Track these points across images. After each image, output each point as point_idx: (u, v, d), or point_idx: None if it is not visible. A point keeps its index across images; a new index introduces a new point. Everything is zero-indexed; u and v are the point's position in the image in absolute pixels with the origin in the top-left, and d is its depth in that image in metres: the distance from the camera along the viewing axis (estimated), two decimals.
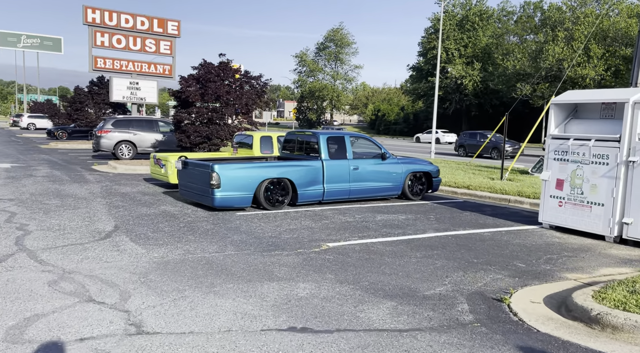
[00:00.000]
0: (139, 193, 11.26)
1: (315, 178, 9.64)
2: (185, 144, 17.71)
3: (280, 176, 9.28)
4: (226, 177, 8.80)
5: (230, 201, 8.90)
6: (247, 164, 9.12)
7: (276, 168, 9.28)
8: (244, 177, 8.96)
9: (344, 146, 10.14)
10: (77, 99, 30.37)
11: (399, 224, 8.22)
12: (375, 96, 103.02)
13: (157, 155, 12.53)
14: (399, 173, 10.70)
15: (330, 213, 9.07)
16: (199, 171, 9.19)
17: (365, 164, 10.26)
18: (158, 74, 29.53)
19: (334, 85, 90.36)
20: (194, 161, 9.48)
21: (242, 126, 18.51)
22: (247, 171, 9.03)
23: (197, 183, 9.31)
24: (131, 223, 7.91)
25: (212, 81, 17.43)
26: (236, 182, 8.88)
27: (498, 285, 5.12)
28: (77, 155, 22.71)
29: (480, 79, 59.19)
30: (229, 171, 8.86)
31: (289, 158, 10.79)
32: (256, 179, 9.04)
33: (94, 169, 16.38)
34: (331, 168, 9.81)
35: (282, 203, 9.43)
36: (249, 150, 13.12)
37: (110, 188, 12.10)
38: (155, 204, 9.82)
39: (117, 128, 20.63)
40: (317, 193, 9.70)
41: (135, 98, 28.52)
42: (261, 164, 9.31)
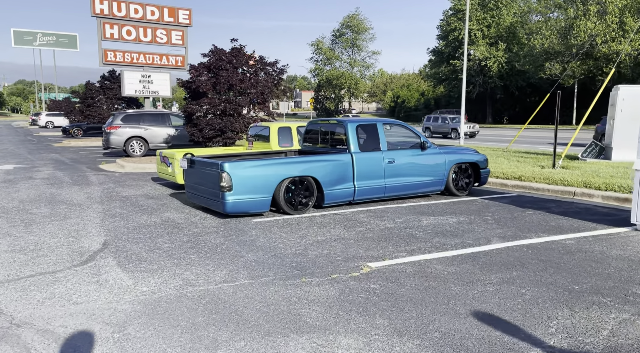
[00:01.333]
0: (142, 197, 9.89)
1: (343, 174, 8.10)
2: (198, 138, 16.33)
3: (303, 174, 7.78)
4: (239, 177, 7.33)
5: (244, 206, 7.43)
6: (263, 161, 7.63)
7: (298, 165, 7.77)
8: (260, 177, 7.47)
9: (377, 136, 8.57)
10: (88, 94, 29.31)
11: (453, 230, 6.64)
12: (393, 82, 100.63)
13: (164, 152, 11.14)
14: (442, 165, 9.09)
15: (365, 217, 7.54)
16: (207, 171, 7.74)
17: (402, 156, 8.68)
18: (170, 66, 28.22)
19: (351, 72, 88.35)
20: (200, 159, 8.03)
21: (257, 117, 17.04)
22: (264, 169, 7.53)
23: (205, 184, 7.88)
24: (125, 237, 6.51)
25: (224, 68, 15.96)
26: (251, 183, 7.41)
27: (632, 332, 3.53)
28: (88, 153, 21.59)
29: (506, 60, 56.60)
30: (242, 170, 7.38)
31: (312, 151, 9.27)
32: (275, 179, 7.56)
33: (101, 169, 15.12)
34: (362, 162, 8.26)
35: (306, 206, 7.93)
36: (265, 143, 11.64)
37: (112, 190, 10.77)
38: (159, 210, 8.43)
39: (127, 123, 19.39)
40: (347, 192, 8.17)
41: (147, 92, 27.28)
42: (280, 160, 7.81)
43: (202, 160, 7.94)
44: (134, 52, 26.81)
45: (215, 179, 7.49)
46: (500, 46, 57.05)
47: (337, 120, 8.74)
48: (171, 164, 10.70)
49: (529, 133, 36.08)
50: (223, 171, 7.28)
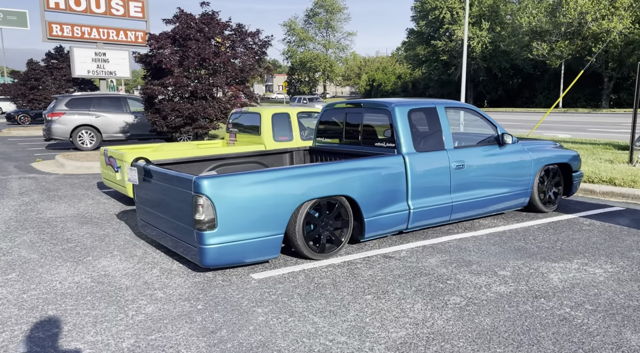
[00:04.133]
0: (74, 220, 6.61)
1: (392, 189, 5.02)
2: (161, 127, 12.96)
3: (334, 193, 4.67)
4: (228, 205, 4.19)
5: (237, 252, 4.30)
6: (268, 174, 4.45)
7: (324, 177, 4.64)
8: (264, 201, 4.33)
9: (438, 126, 5.51)
10: (31, 75, 25.15)
11: (626, 303, 3.69)
12: (368, 65, 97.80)
13: (110, 150, 7.82)
14: (527, 168, 6.10)
15: (439, 264, 4.51)
16: (173, 191, 4.56)
17: (475, 157, 5.65)
18: (129, 43, 24.43)
19: (326, 54, 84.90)
20: (161, 171, 4.80)
21: (236, 100, 13.73)
22: (271, 187, 4.38)
23: (169, 212, 4.69)
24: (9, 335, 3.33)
25: (194, 39, 12.56)
26: (249, 213, 4.27)
27: None
28: (28, 145, 17.86)
29: (490, 40, 54.19)
30: (234, 190, 4.22)
31: (332, 151, 6.16)
32: (289, 204, 4.43)
33: (32, 169, 11.62)
34: (420, 168, 5.20)
35: (338, 244, 4.84)
36: (253, 136, 8.45)
37: (33, 208, 7.42)
38: (93, 252, 5.20)
39: (74, 109, 15.78)
40: (398, 217, 5.11)
41: (103, 72, 23.52)
42: (295, 170, 4.62)
43: (165, 172, 4.71)
44: (85, 26, 22.95)
45: (186, 206, 4.32)
46: (484, 24, 54.55)
47: (375, 102, 5.61)
48: (119, 169, 7.41)
49: (517, 116, 33.69)
50: (200, 192, 4.11)
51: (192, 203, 4.19)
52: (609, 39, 42.18)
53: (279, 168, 4.51)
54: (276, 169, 4.49)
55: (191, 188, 4.20)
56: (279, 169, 4.50)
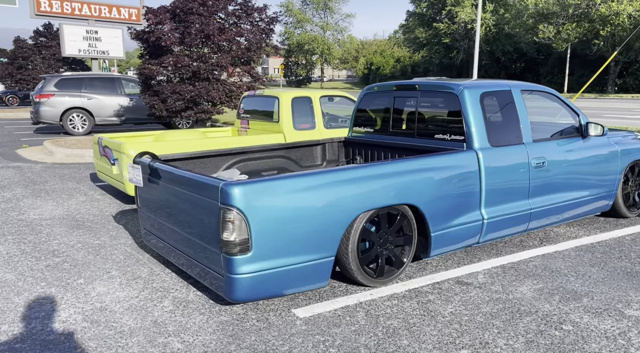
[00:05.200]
0: (62, 224, 5.53)
1: (463, 194, 3.96)
2: (160, 111, 11.81)
3: (396, 202, 3.60)
4: (266, 220, 3.12)
5: (274, 284, 3.24)
6: (315, 177, 3.36)
7: (385, 180, 3.56)
8: (312, 213, 3.26)
9: (514, 114, 4.43)
10: (18, 54, 23.70)
11: None
12: (365, 48, 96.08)
13: (105, 139, 6.70)
14: (613, 164, 5.04)
15: (532, 294, 3.49)
16: (190, 198, 3.47)
17: (556, 153, 4.58)
18: (123, 20, 22.99)
19: (324, 36, 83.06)
20: (173, 171, 3.70)
21: (242, 81, 12.58)
22: (322, 195, 3.30)
23: (183, 226, 3.62)
24: None
25: (196, 13, 11.35)
26: (293, 231, 3.21)
27: None
28: (15, 129, 16.64)
29: (493, 22, 52.78)
30: (274, 200, 3.14)
31: (376, 144, 5.08)
32: (344, 217, 3.37)
33: (18, 157, 10.46)
34: (496, 167, 4.14)
35: (400, 266, 3.79)
36: (269, 123, 7.35)
37: (15, 205, 6.32)
38: (86, 270, 4.13)
39: (63, 90, 14.56)
40: (469, 229, 4.05)
41: (95, 51, 22.13)
42: (349, 171, 3.50)
43: (180, 174, 3.60)
44: (75, 1, 21.48)
45: (209, 220, 3.25)
46: (487, 6, 53.08)
47: (436, 84, 4.50)
48: (116, 162, 6.30)
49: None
50: (230, 204, 3.04)
51: (219, 218, 3.12)
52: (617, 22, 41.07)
53: (331, 170, 3.43)
54: (327, 171, 3.41)
55: (217, 197, 3.12)
56: (330, 171, 3.42)
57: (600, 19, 42.62)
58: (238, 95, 12.09)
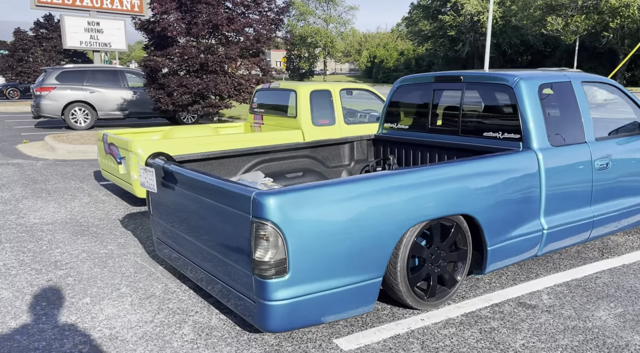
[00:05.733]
0: (65, 229, 5.05)
1: (521, 201, 3.46)
2: (166, 105, 11.30)
3: (451, 212, 3.11)
4: (307, 236, 2.64)
5: (315, 310, 2.76)
6: (362, 184, 2.84)
7: (439, 187, 3.05)
8: (359, 227, 2.77)
9: (575, 108, 3.92)
10: (19, 46, 23.16)
11: None
12: (368, 41, 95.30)
13: (110, 136, 6.21)
14: None
15: (615, 322, 3.00)
16: (215, 208, 2.98)
17: (620, 153, 4.06)
18: (125, 11, 22.49)
19: (326, 29, 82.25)
20: (194, 176, 3.19)
21: (251, 74, 12.06)
22: (370, 205, 2.80)
23: (205, 239, 3.14)
24: None
25: (204, 2, 10.81)
26: (336, 248, 2.72)
27: None
28: (15, 123, 16.15)
29: (500, 14, 52.01)
30: (315, 212, 2.65)
31: (412, 142, 4.58)
32: (394, 230, 2.88)
33: (18, 152, 9.98)
34: (557, 170, 3.64)
35: (452, 285, 3.31)
36: (286, 119, 6.86)
37: (14, 207, 5.83)
38: (92, 287, 3.64)
39: (65, 83, 14.05)
40: (527, 241, 3.56)
41: (97, 44, 21.66)
42: (399, 177, 2.97)
43: (202, 180, 3.09)
44: None
45: (238, 235, 2.76)
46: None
47: (484, 75, 3.98)
48: (123, 160, 5.81)
49: None
50: (264, 218, 2.55)
51: (251, 234, 2.63)
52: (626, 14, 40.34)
53: (381, 174, 2.93)
54: (377, 176, 2.91)
55: (249, 209, 2.63)
56: (381, 175, 2.92)
57: (609, 10, 41.86)
58: (247, 88, 11.59)
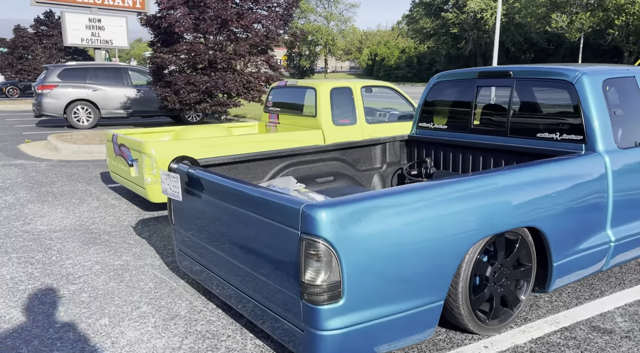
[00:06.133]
0: (75, 237, 4.69)
1: (586, 211, 3.11)
2: (173, 103, 10.94)
3: (517, 225, 2.76)
4: (364, 255, 2.29)
5: (371, 339, 2.40)
6: (423, 193, 2.49)
7: (505, 196, 2.70)
8: (421, 243, 2.43)
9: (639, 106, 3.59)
10: (19, 43, 22.76)
11: None
12: (369, 39, 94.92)
13: (121, 136, 5.85)
14: None
15: None
16: (253, 221, 2.63)
17: None
18: (127, 8, 22.13)
19: (327, 27, 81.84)
20: (228, 183, 2.83)
21: (261, 72, 11.70)
22: (432, 217, 2.46)
23: (240, 255, 2.78)
24: None
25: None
26: (396, 268, 2.37)
27: None
28: (16, 122, 15.78)
29: (504, 12, 51.62)
30: (372, 227, 2.30)
31: (452, 143, 4.22)
32: (459, 246, 2.53)
33: (20, 153, 9.62)
34: (625, 175, 3.29)
35: (514, 305, 2.96)
36: (304, 118, 6.50)
37: (19, 213, 5.48)
38: (109, 306, 3.29)
39: (67, 81, 13.68)
40: (594, 255, 3.20)
41: (98, 41, 21.32)
42: (463, 184, 2.59)
43: (238, 189, 2.71)
44: None
45: (281, 253, 2.41)
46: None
47: (539, 69, 3.61)
48: (136, 163, 5.46)
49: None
50: (315, 234, 2.21)
51: (299, 253, 2.28)
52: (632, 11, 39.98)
53: (446, 182, 2.58)
54: (441, 183, 2.56)
55: (297, 223, 2.28)
56: (446, 183, 2.57)
57: (615, 7, 41.52)
58: (256, 86, 11.23)
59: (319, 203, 2.28)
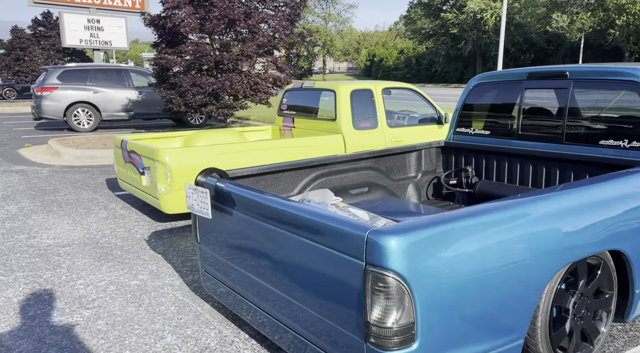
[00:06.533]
0: (85, 252, 4.34)
1: None
2: (178, 106, 10.58)
3: (599, 249, 2.42)
4: (440, 291, 1.95)
5: None
6: (505, 211, 2.17)
7: (587, 215, 2.39)
8: (502, 275, 2.10)
9: None
10: (16, 44, 22.33)
11: None
12: (366, 40, 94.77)
13: (131, 142, 5.50)
14: None
15: None
16: (303, 246, 2.29)
17: None
18: (125, 8, 21.82)
19: (326, 28, 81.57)
20: (267, 197, 2.50)
21: (268, 73, 11.36)
22: (515, 242, 2.13)
23: (282, 285, 2.44)
24: None
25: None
26: (475, 304, 2.05)
27: None
28: (14, 124, 15.40)
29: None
30: (450, 252, 1.98)
31: (495, 151, 3.89)
32: (540, 277, 2.19)
33: (20, 158, 9.25)
34: None
35: (593, 339, 2.63)
36: (322, 122, 6.17)
37: (22, 225, 5.12)
38: (130, 335, 2.94)
39: (67, 83, 13.32)
40: None
41: (97, 42, 20.98)
42: (546, 201, 2.27)
43: (283, 207, 2.38)
44: None
45: (340, 288, 2.07)
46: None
47: (599, 69, 3.27)
48: (147, 171, 5.10)
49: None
50: (385, 267, 1.86)
51: (364, 288, 1.94)
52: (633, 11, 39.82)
53: (531, 198, 2.24)
54: (525, 200, 2.22)
55: (361, 252, 1.94)
56: (531, 200, 2.23)
57: (615, 7, 41.35)
58: (263, 88, 10.90)
59: (388, 228, 1.94)
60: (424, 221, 2.00)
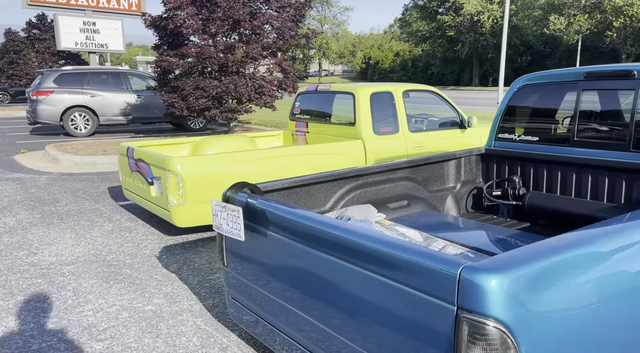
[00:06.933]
0: (91, 271, 3.95)
1: None
2: (181, 110, 10.18)
3: None
4: (552, 343, 1.59)
5: None
6: (623, 235, 1.82)
7: None
8: (613, 319, 1.75)
9: None
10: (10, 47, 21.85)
11: None
12: (362, 43, 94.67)
13: (137, 149, 5.11)
14: None
15: None
16: (368, 280, 1.92)
17: None
18: (122, 11, 21.44)
19: (322, 30, 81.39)
20: (310, 217, 2.14)
21: (273, 76, 11.00)
22: (631, 276, 1.79)
23: (335, 324, 2.07)
24: None
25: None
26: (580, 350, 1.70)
27: None
28: (8, 129, 14.94)
29: (501, 14, 51.32)
30: (560, 293, 1.62)
31: (549, 158, 3.53)
32: None
33: (16, 165, 8.82)
34: None
35: None
36: (339, 126, 5.82)
37: (22, 240, 4.72)
38: None
39: (63, 87, 12.90)
40: None
41: (93, 44, 20.56)
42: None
43: (338, 233, 2.02)
44: None
45: (420, 334, 1.71)
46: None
47: None
48: (157, 181, 4.71)
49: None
50: (484, 314, 1.50)
51: (457, 337, 1.58)
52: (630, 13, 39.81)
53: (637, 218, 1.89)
54: (635, 221, 1.87)
55: (452, 294, 1.58)
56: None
57: (613, 9, 41.32)
58: (269, 91, 10.53)
59: (485, 264, 1.58)
60: (528, 252, 1.64)
